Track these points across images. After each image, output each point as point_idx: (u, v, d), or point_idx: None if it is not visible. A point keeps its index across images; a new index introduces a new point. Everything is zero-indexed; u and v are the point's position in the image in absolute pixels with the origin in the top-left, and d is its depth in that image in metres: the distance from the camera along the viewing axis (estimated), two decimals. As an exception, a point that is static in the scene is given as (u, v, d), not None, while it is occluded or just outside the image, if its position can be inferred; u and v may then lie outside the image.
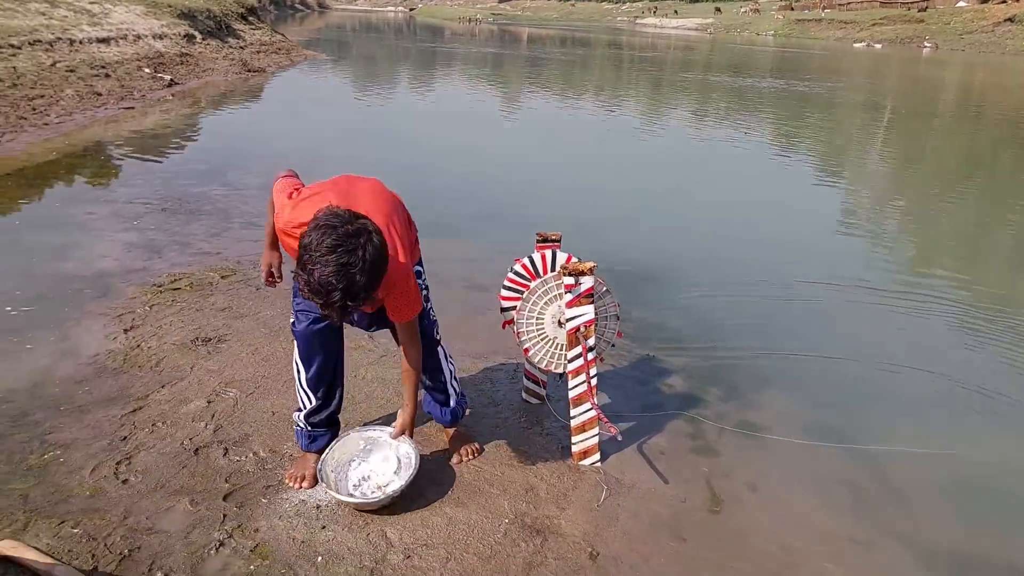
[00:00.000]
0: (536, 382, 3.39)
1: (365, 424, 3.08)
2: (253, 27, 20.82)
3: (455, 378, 2.99)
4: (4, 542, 2.33)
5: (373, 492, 2.72)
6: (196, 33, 16.47)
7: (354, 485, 2.74)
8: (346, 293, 2.03)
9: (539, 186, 8.33)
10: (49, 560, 2.28)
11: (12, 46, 11.17)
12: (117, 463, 2.84)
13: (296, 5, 62.74)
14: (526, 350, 3.05)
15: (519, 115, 14.30)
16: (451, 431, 3.09)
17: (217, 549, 2.43)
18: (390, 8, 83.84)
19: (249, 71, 15.68)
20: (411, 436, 2.78)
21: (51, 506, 2.57)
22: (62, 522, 2.49)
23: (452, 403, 2.97)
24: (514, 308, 3.08)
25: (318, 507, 2.66)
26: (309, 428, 2.82)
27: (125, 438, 3.00)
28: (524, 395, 3.45)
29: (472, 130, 12.22)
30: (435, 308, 2.94)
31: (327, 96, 15.32)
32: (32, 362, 3.53)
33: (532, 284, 3.02)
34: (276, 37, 21.13)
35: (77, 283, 4.50)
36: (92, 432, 3.03)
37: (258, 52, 18.36)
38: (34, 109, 9.15)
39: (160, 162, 8.01)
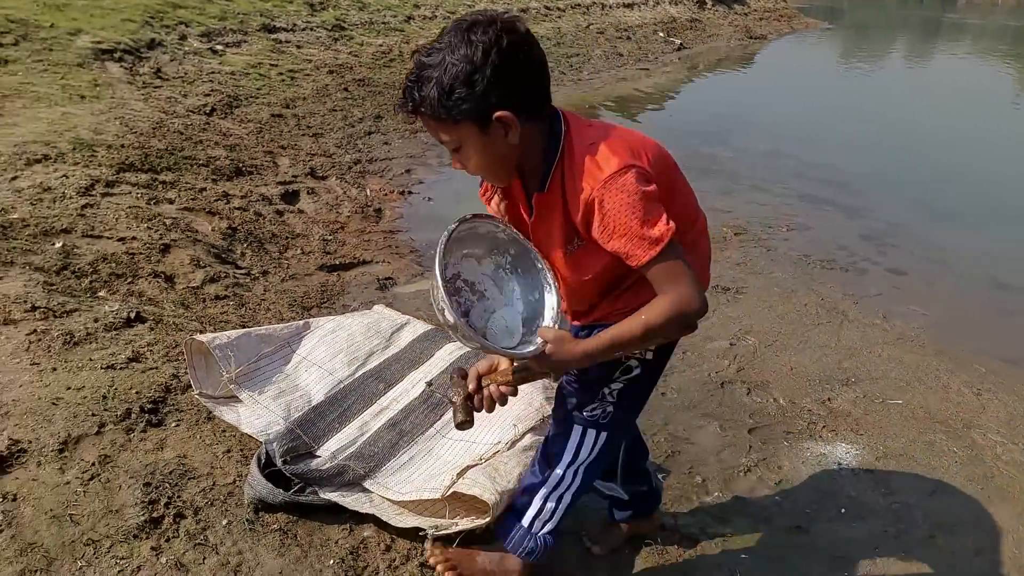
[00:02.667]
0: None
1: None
2: (758, -7, 20.84)
3: (558, 504, 1.91)
4: None
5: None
6: (707, -1, 17.13)
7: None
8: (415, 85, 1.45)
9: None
10: None
11: (559, 8, 12.93)
12: (656, 377, 3.29)
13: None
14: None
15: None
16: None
17: (745, 473, 2.71)
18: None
19: (751, 38, 15.86)
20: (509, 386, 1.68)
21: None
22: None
23: (525, 524, 1.95)
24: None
25: (839, 464, 2.78)
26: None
27: (661, 358, 3.45)
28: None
29: (980, 113, 10.76)
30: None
31: (821, 66, 14.79)
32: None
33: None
34: (780, 4, 20.90)
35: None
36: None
37: (760, 19, 18.41)
38: (571, 66, 10.53)
39: (671, 120, 8.66)
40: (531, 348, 1.61)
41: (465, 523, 2.02)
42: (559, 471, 1.86)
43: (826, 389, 3.26)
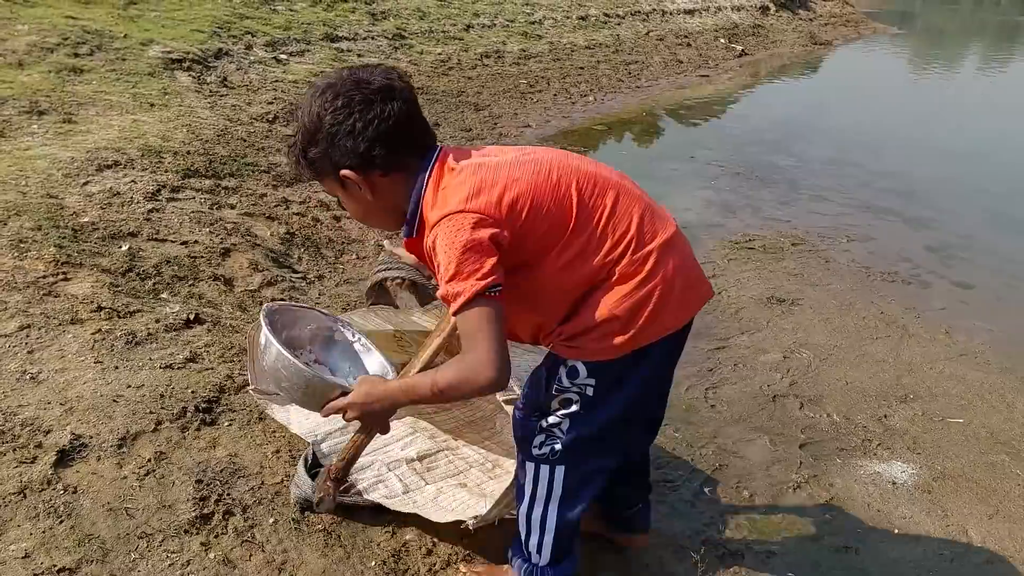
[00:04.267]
0: None
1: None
2: (824, -2, 20.41)
3: (542, 537, 1.82)
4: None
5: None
6: (771, 5, 16.84)
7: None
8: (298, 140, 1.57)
9: None
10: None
11: (618, 16, 12.89)
12: (706, 388, 3.25)
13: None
14: None
15: None
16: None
17: (794, 489, 2.65)
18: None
19: (816, 44, 15.53)
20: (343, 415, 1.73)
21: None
22: (665, 424, 2.97)
23: (525, 551, 1.87)
24: None
25: (894, 483, 2.70)
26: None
27: (711, 370, 3.41)
28: None
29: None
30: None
31: (889, 73, 14.38)
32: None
33: None
34: (846, 8, 20.42)
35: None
36: (683, 357, 3.50)
37: (826, 24, 18.01)
38: (629, 73, 10.48)
39: (730, 128, 8.54)
40: (347, 382, 1.77)
41: (502, 506, 1.99)
42: (524, 508, 1.81)
43: (883, 406, 3.18)
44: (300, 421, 2.30)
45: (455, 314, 1.46)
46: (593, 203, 1.56)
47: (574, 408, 1.69)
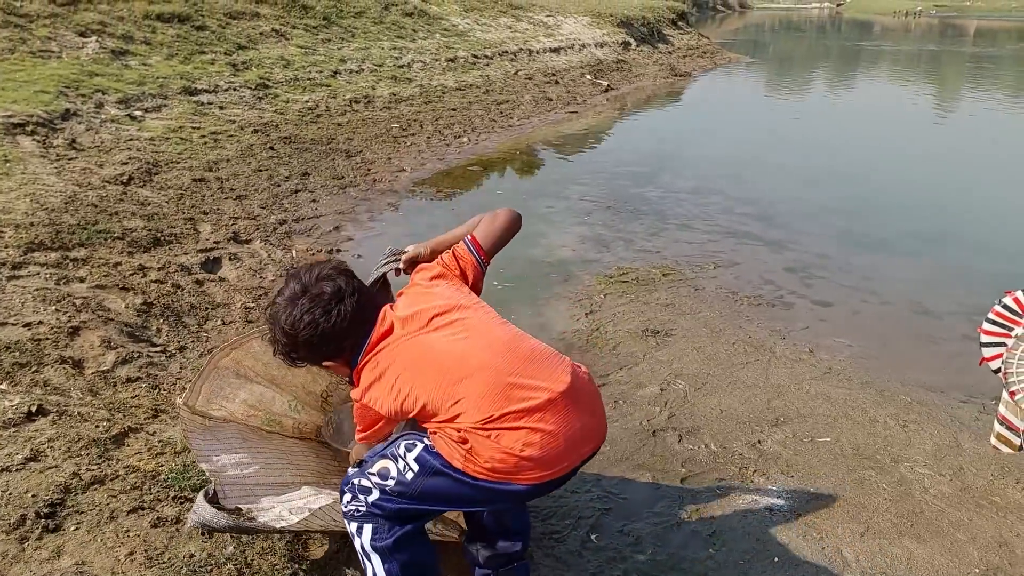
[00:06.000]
0: (1012, 429, 3.07)
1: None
2: (682, 32, 21.53)
3: None
4: None
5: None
6: (631, 40, 17.58)
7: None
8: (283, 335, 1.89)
9: (996, 206, 7.38)
10: None
11: (486, 56, 13.11)
12: (588, 431, 3.26)
13: (717, 6, 63.10)
14: (1012, 393, 2.79)
15: (957, 121, 12.73)
16: None
17: (678, 527, 2.68)
18: (814, 4, 79.77)
19: (676, 75, 16.29)
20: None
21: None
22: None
23: None
24: (999, 345, 2.84)
25: (771, 510, 2.77)
26: None
27: (593, 410, 3.43)
28: (994, 441, 3.14)
29: (901, 137, 11.20)
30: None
31: (746, 99, 15.26)
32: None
33: (1028, 322, 2.75)
34: (702, 41, 21.59)
35: (544, 268, 5.20)
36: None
37: (684, 56, 18.95)
38: (501, 112, 10.64)
39: (601, 163, 8.78)
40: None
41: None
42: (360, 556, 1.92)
43: (756, 431, 3.28)
44: (208, 456, 2.16)
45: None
46: (444, 401, 1.79)
47: (389, 483, 1.83)
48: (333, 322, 1.83)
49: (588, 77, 14.03)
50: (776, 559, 2.52)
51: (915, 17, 59.69)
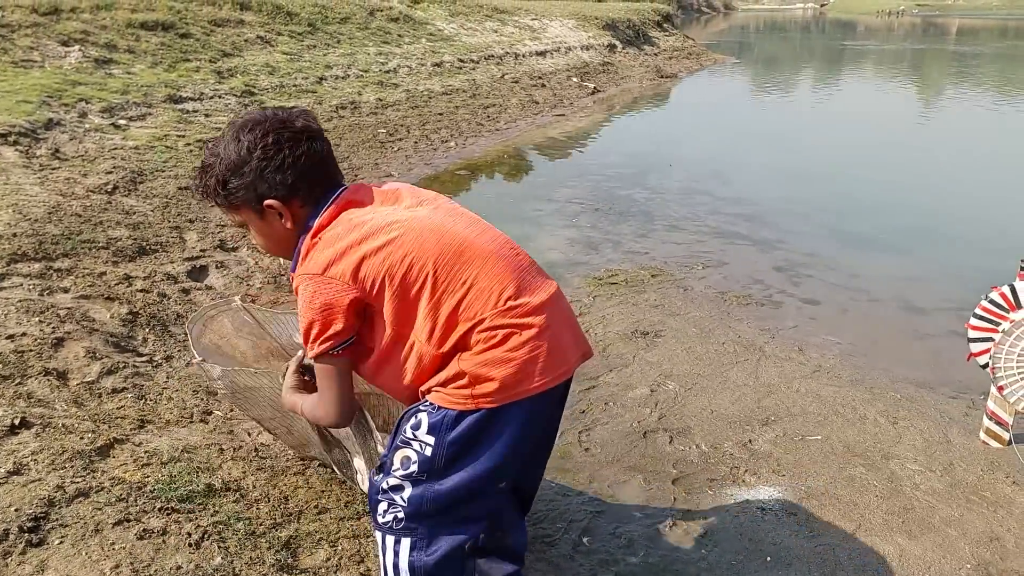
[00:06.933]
0: (1001, 424, 3.08)
1: None
2: (667, 33, 21.62)
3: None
4: None
5: None
6: (617, 43, 17.64)
7: None
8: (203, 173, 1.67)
9: (982, 201, 7.43)
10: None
11: (472, 60, 13.11)
12: (579, 432, 3.25)
13: (702, 8, 63.42)
14: (1000, 388, 2.80)
15: (941, 118, 12.82)
16: None
17: (670, 528, 2.67)
18: (798, 5, 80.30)
19: (662, 76, 16.35)
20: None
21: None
22: (541, 476, 2.94)
23: None
24: (986, 340, 2.85)
25: (763, 509, 2.77)
26: None
27: (584, 412, 3.42)
28: (983, 435, 3.16)
29: (886, 135, 11.27)
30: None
31: (732, 100, 15.33)
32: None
33: (1014, 316, 2.76)
34: (687, 43, 21.68)
35: (533, 271, 5.18)
36: (556, 403, 3.50)
37: (670, 58, 19.03)
38: (488, 116, 10.64)
39: (589, 165, 8.79)
40: None
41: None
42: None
43: (746, 430, 3.27)
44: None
45: (315, 362, 1.67)
46: (451, 279, 1.60)
47: (412, 468, 1.66)
48: (300, 152, 1.59)
49: (574, 80, 14.06)
50: (768, 558, 2.51)
51: (898, 16, 60.23)
